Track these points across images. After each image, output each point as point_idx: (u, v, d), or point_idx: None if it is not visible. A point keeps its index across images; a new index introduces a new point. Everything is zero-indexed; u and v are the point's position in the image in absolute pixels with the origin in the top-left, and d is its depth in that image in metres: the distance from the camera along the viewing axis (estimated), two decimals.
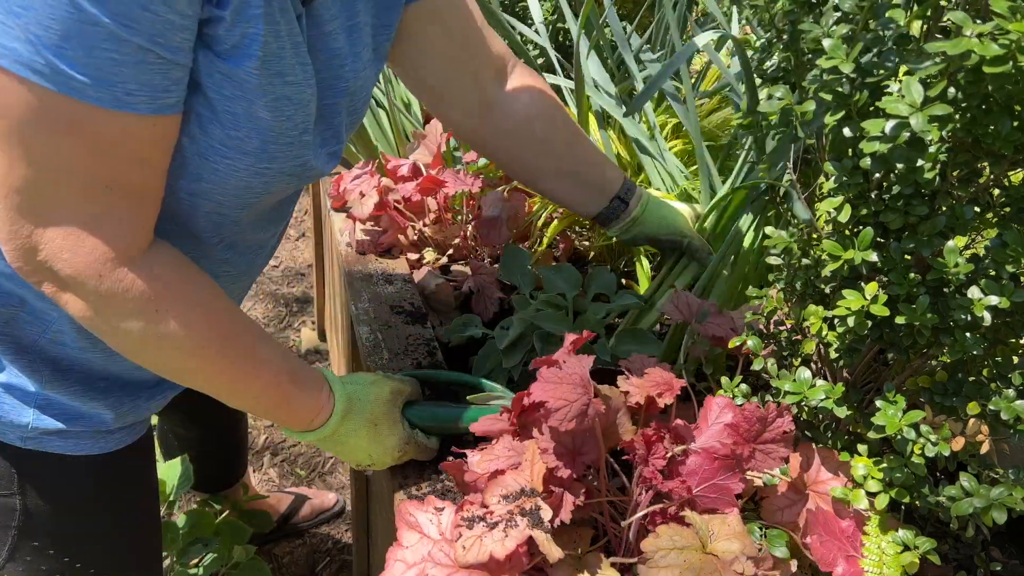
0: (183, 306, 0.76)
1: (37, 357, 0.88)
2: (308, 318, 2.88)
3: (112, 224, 0.71)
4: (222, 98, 0.71)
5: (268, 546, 2.01)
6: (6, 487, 0.93)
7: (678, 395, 0.79)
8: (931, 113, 0.58)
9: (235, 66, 0.69)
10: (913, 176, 0.64)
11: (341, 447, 0.90)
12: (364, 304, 1.23)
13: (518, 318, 1.11)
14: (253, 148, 0.75)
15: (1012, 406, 0.67)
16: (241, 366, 0.82)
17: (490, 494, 0.70)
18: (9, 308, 0.85)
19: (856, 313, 0.68)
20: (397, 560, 0.71)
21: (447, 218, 1.37)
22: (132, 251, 0.73)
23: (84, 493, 0.98)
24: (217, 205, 0.81)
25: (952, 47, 0.56)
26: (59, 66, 0.60)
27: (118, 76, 0.63)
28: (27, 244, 0.69)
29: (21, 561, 0.97)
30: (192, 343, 0.77)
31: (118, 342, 0.78)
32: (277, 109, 0.75)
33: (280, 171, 0.80)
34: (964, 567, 0.85)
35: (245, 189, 0.80)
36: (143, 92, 0.65)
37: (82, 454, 0.94)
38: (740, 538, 0.68)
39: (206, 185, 0.78)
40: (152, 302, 0.74)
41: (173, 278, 0.76)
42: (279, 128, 0.76)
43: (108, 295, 0.72)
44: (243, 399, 0.86)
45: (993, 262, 0.66)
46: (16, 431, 0.90)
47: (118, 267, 0.72)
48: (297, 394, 0.86)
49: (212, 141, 0.74)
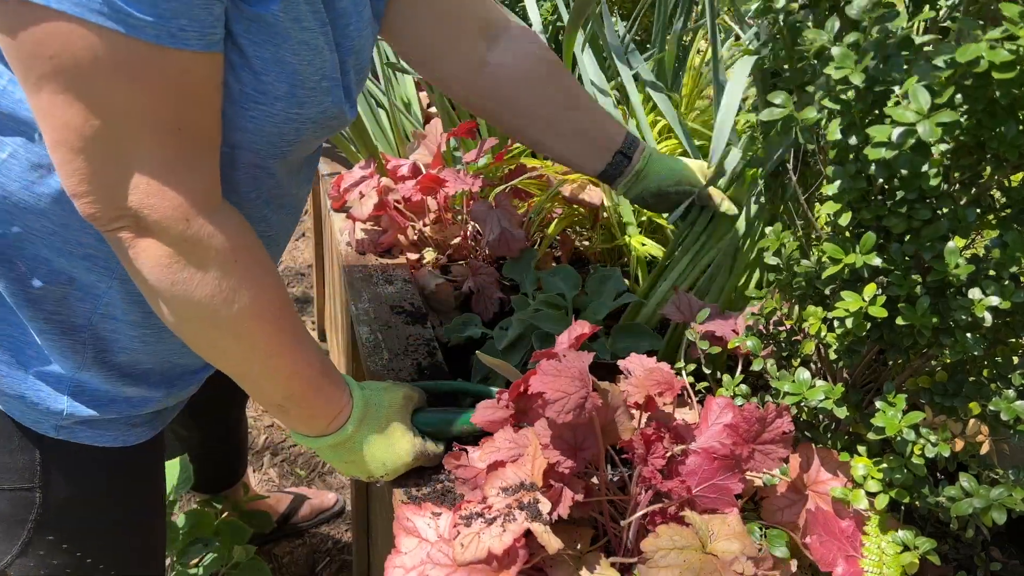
0: (255, 265, 0.78)
1: (87, 335, 0.88)
2: (308, 318, 2.88)
3: (189, 169, 0.73)
4: (251, 43, 0.73)
5: (268, 546, 2.01)
6: (28, 480, 0.93)
7: (678, 395, 0.79)
8: (938, 120, 0.58)
9: (263, 10, 0.72)
10: (918, 181, 0.64)
11: (354, 455, 0.89)
12: (364, 304, 1.23)
13: (517, 318, 1.11)
14: (283, 93, 0.77)
15: (1012, 406, 0.67)
16: (290, 341, 0.82)
17: (489, 486, 0.70)
18: (59, 287, 0.85)
19: (855, 315, 0.68)
20: (396, 567, 0.71)
21: (447, 218, 1.37)
22: (209, 199, 0.75)
23: (101, 488, 0.99)
24: (255, 155, 0.82)
25: (961, 53, 0.56)
26: (117, 3, 0.62)
27: (170, 11, 0.65)
28: (110, 192, 0.70)
29: (33, 556, 0.97)
30: (259, 304, 0.78)
31: (186, 299, 0.76)
32: (298, 53, 0.77)
33: (308, 117, 0.82)
34: (964, 567, 0.85)
35: (279, 136, 0.81)
36: (193, 28, 0.66)
37: (107, 446, 0.95)
38: (740, 538, 0.68)
39: (244, 135, 0.79)
40: (232, 253, 0.76)
41: (245, 236, 0.78)
42: (303, 72, 0.78)
43: (194, 240, 0.73)
44: (278, 382, 0.83)
45: (994, 263, 0.66)
46: (51, 419, 0.90)
47: (200, 214, 0.73)
48: (326, 387, 0.86)
49: (245, 87, 0.76)
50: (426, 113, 1.87)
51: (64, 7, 0.62)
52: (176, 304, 0.77)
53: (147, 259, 0.74)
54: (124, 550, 1.07)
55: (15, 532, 0.96)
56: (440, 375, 1.09)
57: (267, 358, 0.81)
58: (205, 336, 0.80)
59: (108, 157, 0.69)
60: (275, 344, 0.81)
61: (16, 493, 0.94)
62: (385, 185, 1.36)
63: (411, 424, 0.92)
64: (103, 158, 0.69)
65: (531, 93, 1.08)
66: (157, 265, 0.74)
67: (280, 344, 0.81)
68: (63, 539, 0.98)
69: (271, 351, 0.81)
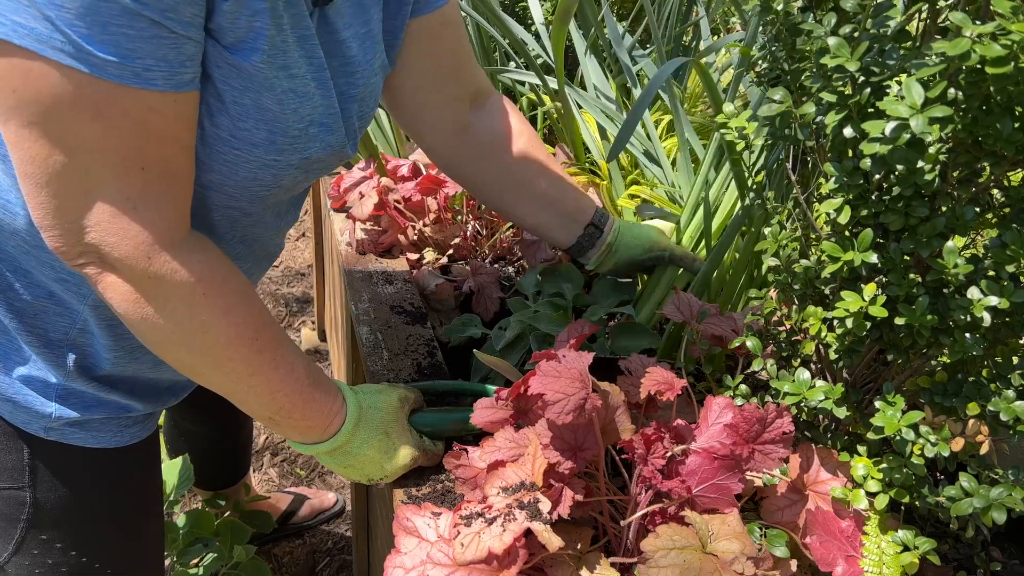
0: (225, 293, 0.77)
1: (66, 349, 0.89)
2: (308, 318, 2.88)
3: (151, 207, 0.72)
4: (230, 89, 0.73)
5: (268, 546, 2.01)
6: (16, 480, 0.94)
7: (678, 394, 0.79)
8: (931, 115, 0.58)
9: (243, 59, 0.71)
10: (913, 178, 0.64)
11: (352, 459, 0.88)
12: (364, 304, 1.23)
13: (516, 319, 1.11)
14: (261, 139, 0.77)
15: (1012, 407, 0.67)
16: (270, 359, 0.81)
17: (490, 485, 0.70)
18: (39, 301, 0.86)
19: (855, 315, 0.68)
20: (395, 567, 0.71)
21: (447, 218, 1.38)
22: (174, 235, 0.74)
23: (95, 487, 0.99)
24: (228, 198, 0.82)
25: (952, 47, 0.56)
26: (80, 43, 0.61)
27: (135, 52, 0.64)
28: (73, 227, 0.70)
29: (28, 554, 0.97)
30: (233, 331, 0.78)
31: (157, 331, 0.77)
32: (282, 102, 0.76)
33: (288, 164, 0.81)
34: (964, 567, 0.85)
35: (254, 181, 0.81)
36: (160, 68, 0.66)
37: (99, 447, 0.95)
38: (740, 538, 0.68)
39: (216, 176, 0.79)
40: (199, 286, 0.75)
41: (214, 264, 0.77)
42: (285, 121, 0.77)
43: (156, 277, 0.73)
44: (263, 398, 0.83)
45: (993, 262, 0.66)
46: (40, 421, 0.91)
47: (164, 250, 0.73)
48: (317, 396, 0.85)
49: (221, 132, 0.75)
50: None
51: (26, 43, 0.61)
52: (148, 334, 0.77)
53: (113, 294, 0.74)
54: (120, 548, 1.07)
55: (9, 531, 0.96)
56: (440, 375, 1.09)
57: (248, 378, 0.81)
58: (182, 361, 0.81)
59: (71, 192, 0.69)
60: (255, 365, 0.81)
61: (7, 492, 0.94)
62: (385, 185, 1.36)
63: (408, 425, 0.92)
64: (66, 193, 0.69)
65: (509, 161, 1.10)
66: (124, 300, 0.75)
67: (260, 364, 0.81)
68: (57, 538, 0.98)
69: (251, 372, 0.81)
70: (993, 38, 0.56)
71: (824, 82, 0.66)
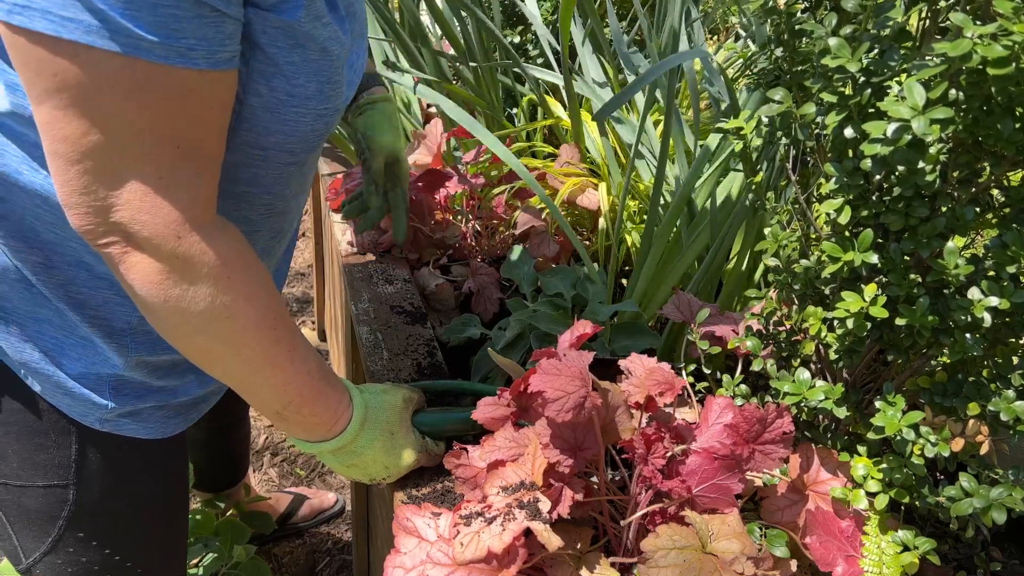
0: (249, 279, 0.78)
1: (129, 339, 0.90)
2: (308, 318, 2.88)
3: (183, 186, 0.72)
4: (280, 50, 0.74)
5: (268, 546, 2.01)
6: (63, 476, 0.94)
7: (678, 395, 0.79)
8: (933, 116, 0.58)
9: (289, 17, 0.72)
10: (914, 178, 0.64)
11: (356, 458, 0.89)
12: (364, 304, 1.23)
13: (515, 319, 1.11)
14: (313, 92, 0.79)
15: (1012, 407, 0.67)
16: (286, 350, 0.82)
17: (490, 485, 0.70)
18: (101, 292, 0.87)
19: (855, 315, 0.68)
20: (395, 567, 0.71)
21: (447, 218, 1.37)
22: (203, 216, 0.75)
23: (134, 481, 1.00)
24: (289, 155, 0.84)
25: (953, 48, 0.56)
26: (129, 28, 0.62)
27: (179, 32, 0.65)
28: (102, 205, 0.70)
29: (62, 552, 0.98)
30: (255, 316, 0.78)
31: (178, 314, 0.76)
32: (324, 50, 0.78)
33: (336, 108, 0.84)
34: (964, 567, 0.85)
35: (312, 132, 0.83)
36: (201, 47, 0.67)
37: (148, 438, 0.96)
38: (740, 538, 0.68)
39: (279, 137, 0.80)
40: (225, 268, 0.75)
41: (240, 249, 0.78)
42: (330, 68, 0.79)
43: (185, 257, 0.73)
44: (276, 390, 0.83)
45: (993, 263, 0.66)
46: (96, 412, 0.91)
47: (194, 230, 0.73)
48: (327, 392, 0.86)
49: (278, 94, 0.77)
50: (426, 113, 1.87)
51: (75, 36, 0.62)
52: (169, 318, 0.77)
53: (138, 275, 0.74)
54: (152, 544, 1.08)
55: (46, 529, 0.96)
56: (440, 375, 1.09)
57: (264, 368, 0.81)
58: (200, 348, 0.80)
59: (102, 171, 0.69)
60: (271, 355, 0.81)
61: (50, 490, 0.94)
62: None
63: (411, 425, 0.93)
64: (97, 172, 0.69)
65: None
66: (148, 281, 0.74)
67: (276, 355, 0.81)
68: (94, 535, 0.99)
69: (267, 362, 0.81)
70: (994, 39, 0.56)
71: (825, 83, 0.66)
